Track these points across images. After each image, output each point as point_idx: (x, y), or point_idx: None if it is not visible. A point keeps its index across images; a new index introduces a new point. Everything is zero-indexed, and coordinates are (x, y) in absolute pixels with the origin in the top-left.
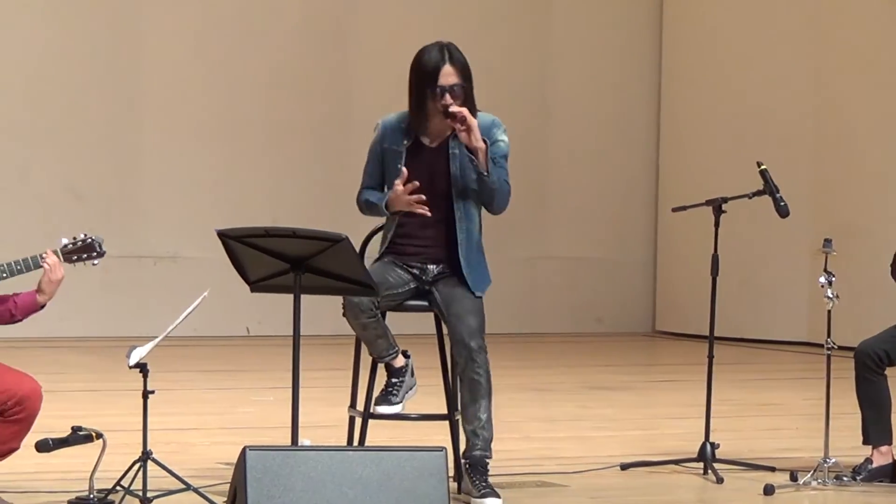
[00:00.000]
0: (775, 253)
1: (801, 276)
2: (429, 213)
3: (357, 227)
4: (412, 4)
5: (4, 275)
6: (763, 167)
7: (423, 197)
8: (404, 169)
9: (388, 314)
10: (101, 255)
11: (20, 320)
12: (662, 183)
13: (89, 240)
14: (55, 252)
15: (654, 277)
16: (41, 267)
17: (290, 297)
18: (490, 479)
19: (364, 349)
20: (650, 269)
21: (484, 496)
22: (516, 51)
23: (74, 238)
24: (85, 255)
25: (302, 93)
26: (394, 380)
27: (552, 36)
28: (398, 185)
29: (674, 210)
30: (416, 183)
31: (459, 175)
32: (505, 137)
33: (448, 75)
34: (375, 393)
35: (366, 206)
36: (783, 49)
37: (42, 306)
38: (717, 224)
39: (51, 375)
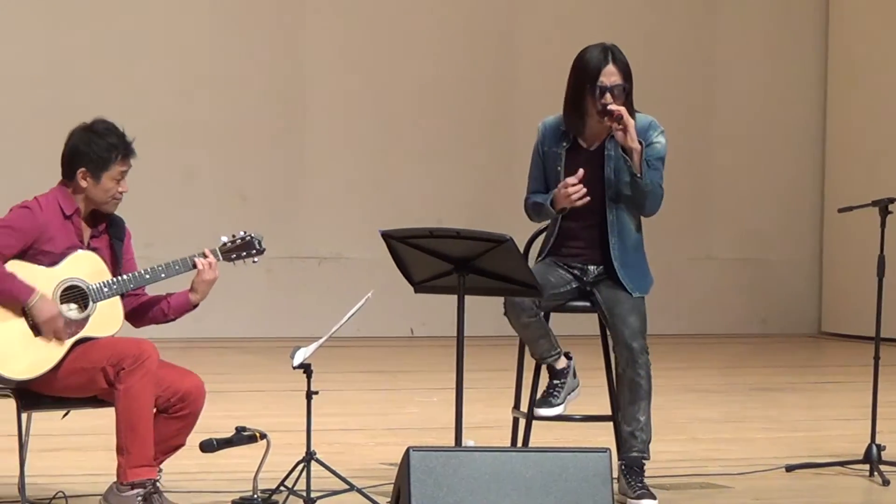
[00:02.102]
0: None
1: None
2: (588, 199)
3: (520, 228)
4: (576, 7)
5: (163, 275)
6: None
7: (584, 190)
8: (581, 170)
9: (551, 316)
10: (260, 252)
11: (173, 319)
12: (828, 183)
13: (248, 237)
14: (212, 252)
15: (819, 278)
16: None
17: (454, 297)
18: (647, 480)
19: (528, 350)
20: (816, 270)
21: (640, 497)
22: (680, 52)
23: (234, 236)
24: (244, 253)
25: (466, 94)
26: (555, 381)
27: (716, 36)
28: (566, 181)
29: (840, 211)
30: (581, 172)
31: (613, 178)
32: (662, 139)
33: (610, 75)
34: (538, 394)
35: (533, 210)
36: None
37: (195, 306)
38: (883, 225)
39: (215, 376)
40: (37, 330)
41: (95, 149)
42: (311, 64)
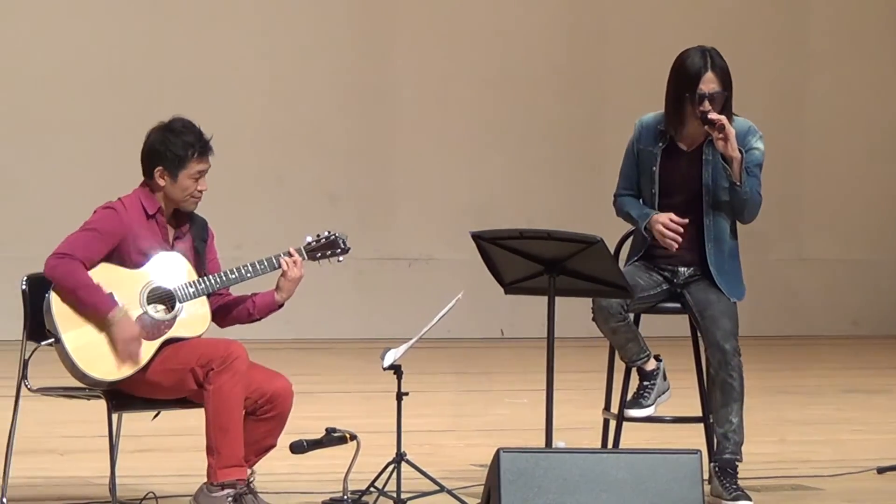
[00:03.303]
0: None
1: None
2: (675, 247)
3: (610, 229)
4: (667, 5)
5: (249, 275)
6: None
7: (679, 241)
8: (687, 221)
9: (641, 318)
10: (345, 251)
11: (258, 319)
12: None
13: (333, 236)
14: (297, 251)
15: None
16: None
17: (544, 298)
18: (740, 482)
19: (617, 353)
20: None
21: (736, 499)
22: (773, 50)
23: (318, 235)
24: (329, 252)
25: (557, 94)
26: (645, 383)
27: (809, 29)
28: (667, 220)
29: None
30: (686, 222)
31: (711, 183)
32: (760, 145)
33: (709, 82)
34: (629, 396)
35: (623, 216)
36: None
37: (280, 305)
38: None
39: (305, 377)
40: (113, 343)
41: (172, 147)
42: (400, 63)
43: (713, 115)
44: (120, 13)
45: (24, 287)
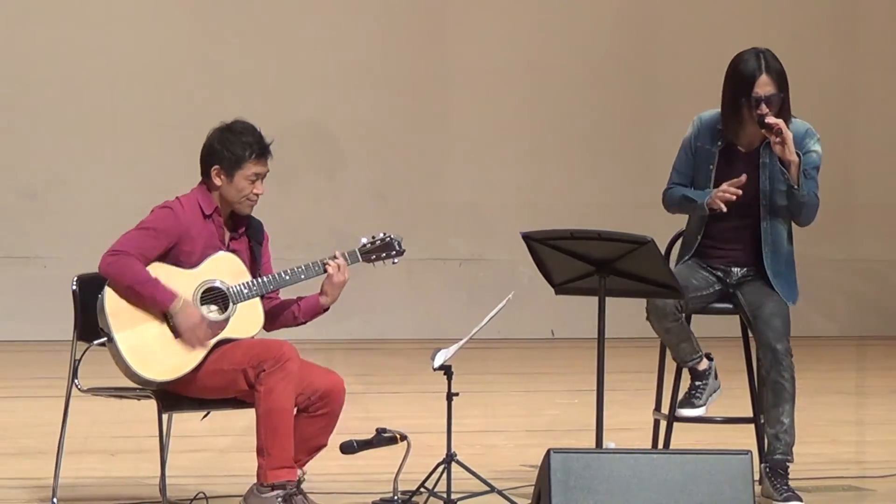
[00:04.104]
0: None
1: None
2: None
3: (660, 230)
4: (721, 4)
5: (302, 276)
6: None
7: (739, 193)
8: (745, 176)
9: (692, 318)
10: (399, 253)
11: (304, 322)
12: None
13: (388, 238)
14: (350, 253)
15: None
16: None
17: (594, 299)
18: (791, 483)
19: (669, 353)
20: None
21: (787, 500)
22: (825, 49)
23: (373, 237)
24: (384, 254)
25: (608, 93)
26: (697, 383)
27: (860, 33)
28: (726, 186)
29: None
30: (744, 177)
31: (768, 186)
32: (818, 147)
33: (764, 85)
34: (680, 396)
35: (677, 202)
36: None
37: (326, 309)
38: None
39: (356, 377)
40: (178, 332)
41: (230, 147)
42: (453, 63)
43: (770, 119)
44: (170, 15)
45: (74, 287)
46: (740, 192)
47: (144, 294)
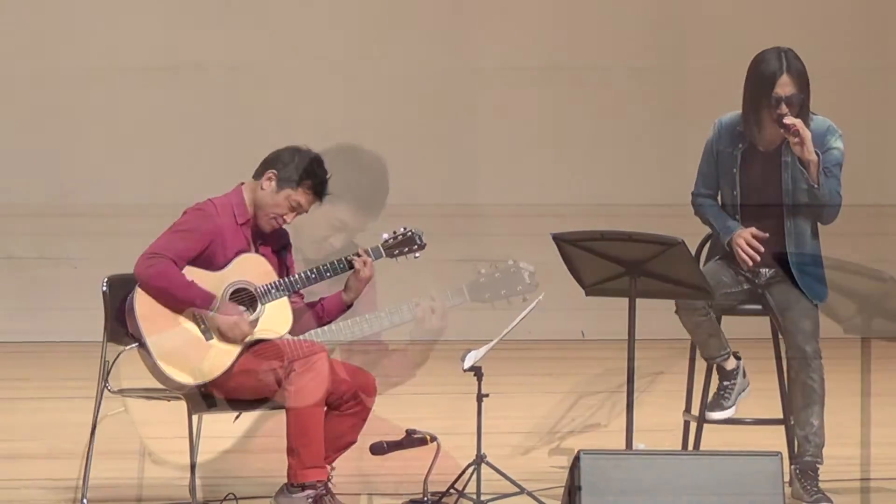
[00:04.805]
0: None
1: None
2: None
3: (691, 231)
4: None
5: (328, 273)
6: None
7: (761, 251)
8: (767, 235)
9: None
10: (421, 247)
11: (328, 322)
12: None
13: (409, 232)
14: (366, 251)
15: None
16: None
17: (625, 300)
18: (821, 485)
19: (698, 352)
20: None
21: (817, 502)
22: (853, 48)
23: (395, 232)
24: (406, 249)
25: (639, 94)
26: (725, 383)
27: (888, 26)
28: (748, 236)
29: None
30: (764, 239)
31: (791, 186)
32: (839, 144)
33: (785, 85)
34: (710, 397)
35: (702, 219)
36: None
37: (349, 306)
38: None
39: (385, 378)
40: (209, 335)
41: (297, 164)
42: (482, 66)
43: (788, 120)
44: (202, 15)
45: (104, 288)
46: (762, 248)
47: (183, 297)
